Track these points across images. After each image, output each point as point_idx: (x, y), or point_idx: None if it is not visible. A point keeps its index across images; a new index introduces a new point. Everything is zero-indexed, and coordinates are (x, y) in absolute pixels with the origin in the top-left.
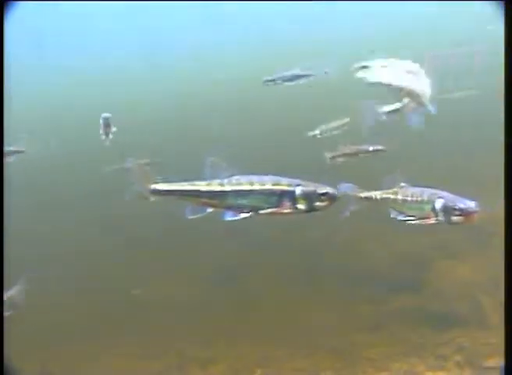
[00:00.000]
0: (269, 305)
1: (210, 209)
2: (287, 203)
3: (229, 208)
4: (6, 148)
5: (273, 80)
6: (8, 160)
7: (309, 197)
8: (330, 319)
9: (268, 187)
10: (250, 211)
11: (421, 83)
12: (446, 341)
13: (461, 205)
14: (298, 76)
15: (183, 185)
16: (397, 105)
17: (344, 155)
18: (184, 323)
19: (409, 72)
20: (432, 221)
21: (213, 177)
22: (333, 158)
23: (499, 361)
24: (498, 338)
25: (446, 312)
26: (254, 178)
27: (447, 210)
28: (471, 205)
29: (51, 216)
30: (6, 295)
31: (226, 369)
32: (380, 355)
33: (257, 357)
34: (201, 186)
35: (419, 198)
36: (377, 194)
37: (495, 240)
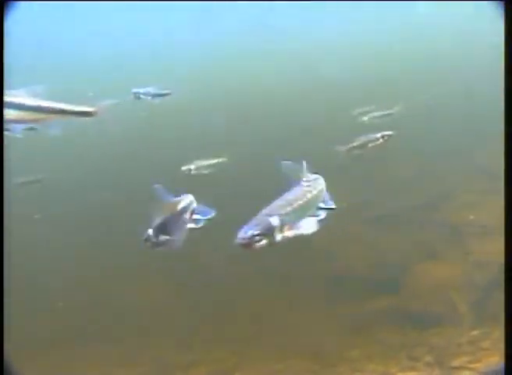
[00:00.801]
0: (247, 307)
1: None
2: None
3: None
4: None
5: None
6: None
7: None
8: (308, 321)
9: None
10: None
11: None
12: (421, 341)
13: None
14: (156, 95)
15: None
16: None
17: (355, 147)
18: (162, 328)
19: None
20: None
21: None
22: (348, 151)
23: (465, 360)
24: (469, 338)
25: (423, 313)
26: None
27: None
28: (245, 235)
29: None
30: None
31: (208, 373)
32: (358, 356)
33: (236, 360)
34: None
35: None
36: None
37: (472, 240)
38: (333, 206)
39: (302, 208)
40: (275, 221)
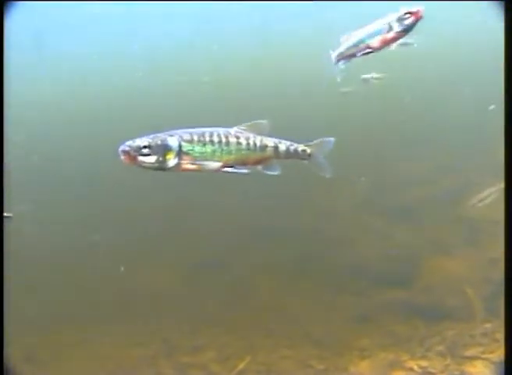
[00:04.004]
0: (257, 293)
1: None
2: None
3: None
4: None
5: None
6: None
7: None
8: (319, 310)
9: None
10: None
11: None
12: (433, 332)
13: None
14: None
15: None
16: None
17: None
18: (172, 311)
19: None
20: None
21: None
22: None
23: (479, 351)
24: (482, 330)
25: (435, 306)
26: None
27: None
28: (132, 143)
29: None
30: None
31: (216, 357)
32: (368, 345)
33: (245, 345)
34: None
35: None
36: None
37: (484, 236)
38: (274, 173)
39: (213, 147)
40: (172, 141)
